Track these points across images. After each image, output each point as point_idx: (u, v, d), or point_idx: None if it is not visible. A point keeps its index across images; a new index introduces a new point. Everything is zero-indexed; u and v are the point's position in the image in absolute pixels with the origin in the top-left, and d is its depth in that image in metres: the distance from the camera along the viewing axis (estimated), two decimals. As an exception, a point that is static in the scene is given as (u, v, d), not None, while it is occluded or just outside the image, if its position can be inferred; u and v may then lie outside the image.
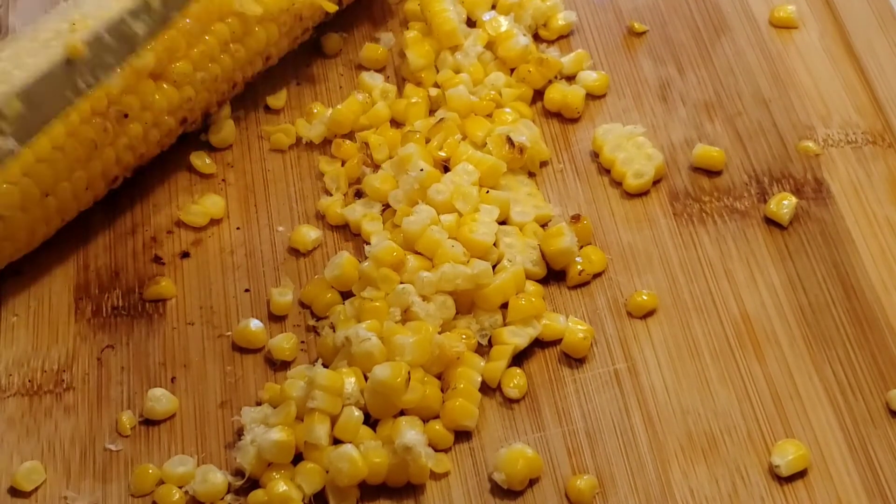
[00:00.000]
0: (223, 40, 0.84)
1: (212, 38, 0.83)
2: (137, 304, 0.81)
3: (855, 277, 0.80)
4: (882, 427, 0.74)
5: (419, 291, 0.77)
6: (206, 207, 0.84)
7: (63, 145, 0.77)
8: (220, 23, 0.83)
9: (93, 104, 0.78)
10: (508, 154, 0.83)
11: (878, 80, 0.90)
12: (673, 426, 0.74)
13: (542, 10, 0.94)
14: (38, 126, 0.76)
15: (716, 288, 0.80)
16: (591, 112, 0.90)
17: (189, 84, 0.82)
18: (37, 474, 0.73)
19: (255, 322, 0.79)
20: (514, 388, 0.76)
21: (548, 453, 0.74)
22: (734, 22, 0.94)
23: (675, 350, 0.77)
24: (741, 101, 0.89)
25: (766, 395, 0.75)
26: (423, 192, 0.81)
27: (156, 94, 0.81)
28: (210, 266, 0.83)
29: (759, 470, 0.73)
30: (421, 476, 0.72)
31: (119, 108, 0.79)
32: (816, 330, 0.78)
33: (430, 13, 0.91)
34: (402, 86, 0.90)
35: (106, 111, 0.79)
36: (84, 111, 0.78)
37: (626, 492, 0.72)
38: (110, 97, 0.78)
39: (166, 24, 0.80)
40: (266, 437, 0.72)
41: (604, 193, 0.85)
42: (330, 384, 0.72)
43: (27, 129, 0.76)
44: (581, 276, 0.80)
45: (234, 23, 0.84)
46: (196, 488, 0.72)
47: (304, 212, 0.85)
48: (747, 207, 0.84)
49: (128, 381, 0.77)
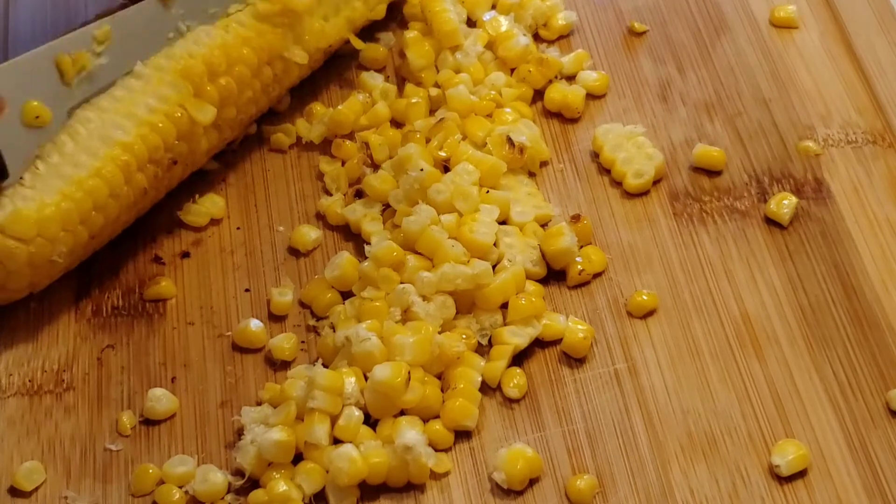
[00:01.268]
0: (266, 83, 0.84)
1: (256, 82, 0.83)
2: (137, 304, 0.81)
3: (855, 277, 0.80)
4: (882, 427, 0.74)
5: (419, 291, 0.77)
6: (206, 207, 0.84)
7: (119, 193, 0.77)
8: (267, 67, 0.84)
9: (150, 152, 0.78)
10: (508, 154, 0.83)
11: (878, 80, 0.90)
12: (673, 426, 0.74)
13: (542, 10, 0.94)
14: (124, 60, 0.79)
15: (716, 288, 0.80)
16: (591, 112, 0.90)
17: (229, 127, 0.83)
18: (37, 474, 0.73)
19: (255, 322, 0.79)
20: (514, 387, 0.76)
21: (548, 453, 0.74)
22: (734, 22, 0.94)
23: (675, 350, 0.77)
24: (741, 101, 0.89)
25: (766, 395, 0.75)
26: (423, 192, 0.81)
27: (202, 140, 0.82)
28: (210, 266, 0.83)
29: (759, 470, 0.73)
30: (421, 476, 0.72)
31: (172, 156, 0.80)
32: (816, 330, 0.78)
33: (431, 13, 0.91)
34: (402, 86, 0.90)
35: (161, 158, 0.79)
36: (141, 158, 0.78)
37: (626, 492, 0.72)
38: (167, 144, 0.79)
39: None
40: (266, 437, 0.72)
41: (604, 193, 0.85)
42: (330, 384, 0.72)
43: (117, 57, 0.79)
44: (581, 276, 0.80)
45: (277, 65, 0.84)
46: (196, 488, 0.72)
47: (304, 212, 0.85)
48: (747, 207, 0.84)
49: (128, 380, 0.78)
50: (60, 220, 0.75)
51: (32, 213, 0.74)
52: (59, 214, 0.75)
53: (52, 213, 0.75)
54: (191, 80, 0.79)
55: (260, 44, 0.83)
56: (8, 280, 0.75)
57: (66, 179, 0.76)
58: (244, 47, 0.82)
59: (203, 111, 0.80)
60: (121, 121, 0.78)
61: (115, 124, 0.77)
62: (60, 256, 0.76)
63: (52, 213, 0.75)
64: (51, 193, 0.75)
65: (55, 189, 0.75)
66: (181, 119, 0.79)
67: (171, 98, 0.79)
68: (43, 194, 0.75)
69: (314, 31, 0.85)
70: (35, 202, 0.74)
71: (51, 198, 0.75)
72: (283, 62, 0.85)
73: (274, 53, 0.84)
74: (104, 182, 0.76)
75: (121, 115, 0.78)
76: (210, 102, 0.80)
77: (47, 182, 0.75)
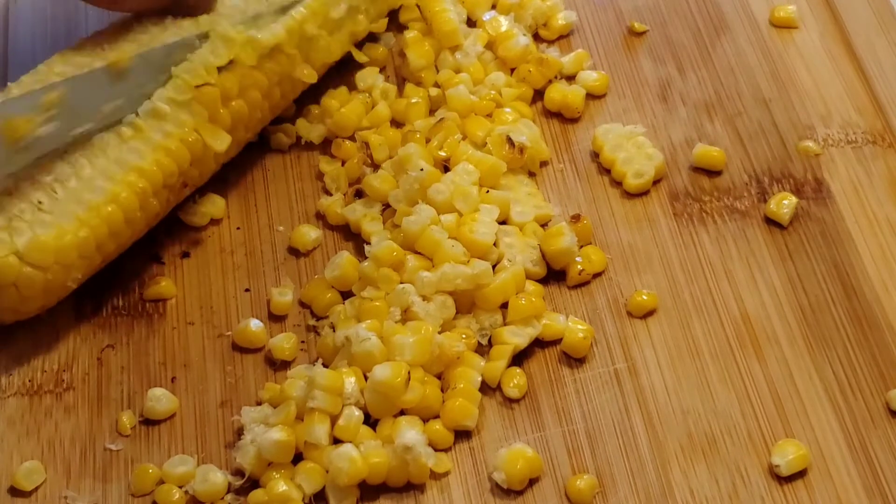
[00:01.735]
0: (274, 103, 0.85)
1: (265, 103, 0.84)
2: (137, 304, 0.81)
3: (855, 277, 0.80)
4: (882, 427, 0.74)
5: (419, 291, 0.77)
6: (206, 207, 0.84)
7: (133, 219, 0.77)
8: (277, 87, 0.84)
9: (165, 178, 0.78)
10: (508, 154, 0.83)
11: (878, 80, 0.90)
12: (673, 426, 0.74)
13: (542, 10, 0.94)
14: (69, 130, 0.76)
15: (716, 288, 0.80)
16: (591, 112, 0.90)
17: (236, 145, 0.83)
18: (37, 474, 0.73)
19: (255, 322, 0.79)
20: (514, 387, 0.76)
21: (548, 453, 0.74)
22: (734, 22, 0.94)
23: (675, 350, 0.77)
24: (741, 101, 0.89)
25: (766, 395, 0.75)
26: (423, 191, 0.81)
27: (212, 163, 0.82)
28: (210, 266, 0.83)
29: (759, 470, 0.73)
30: (421, 476, 0.72)
31: (184, 180, 0.80)
32: (816, 330, 0.78)
33: (430, 13, 0.91)
34: (402, 86, 0.90)
35: (175, 184, 0.79)
36: (156, 184, 0.77)
37: (626, 492, 0.72)
38: (181, 169, 0.78)
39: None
40: (266, 436, 0.72)
41: (604, 193, 0.85)
42: (330, 384, 0.72)
43: (69, 119, 0.75)
44: (581, 275, 0.80)
45: (286, 85, 0.85)
46: (196, 488, 0.72)
47: (304, 212, 0.85)
48: (747, 207, 0.84)
49: (128, 380, 0.78)
50: (77, 247, 0.75)
51: (51, 241, 0.73)
52: (77, 242, 0.75)
53: (70, 241, 0.74)
54: (205, 104, 0.79)
55: (271, 67, 0.83)
56: (22, 304, 0.75)
57: (83, 205, 0.75)
58: (256, 72, 0.82)
59: (218, 139, 0.80)
60: (137, 145, 0.77)
61: (132, 148, 0.77)
62: (74, 282, 0.76)
63: (70, 241, 0.74)
64: (69, 219, 0.74)
65: (73, 215, 0.75)
66: (195, 143, 0.79)
67: (186, 122, 0.79)
68: (61, 220, 0.74)
69: (320, 49, 0.86)
70: (54, 229, 0.74)
71: (69, 225, 0.74)
72: (292, 81, 0.85)
73: (284, 75, 0.84)
74: (120, 209, 0.76)
75: (137, 140, 0.77)
76: (223, 126, 0.80)
77: (65, 207, 0.75)
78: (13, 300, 0.74)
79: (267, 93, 0.83)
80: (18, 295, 0.74)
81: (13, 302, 0.74)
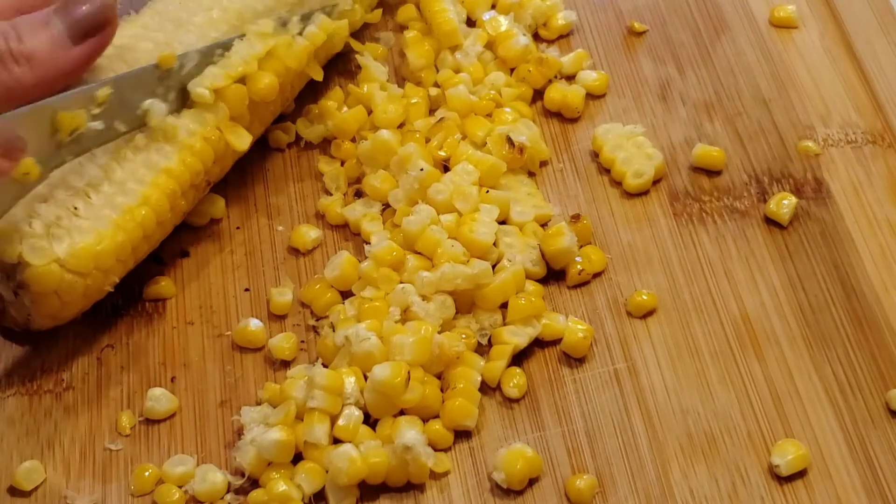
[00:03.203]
0: (285, 97, 0.86)
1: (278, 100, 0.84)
2: (137, 304, 0.81)
3: (855, 277, 0.80)
4: (882, 427, 0.74)
5: (419, 291, 0.77)
6: (206, 207, 0.84)
7: (164, 220, 0.78)
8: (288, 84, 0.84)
9: (192, 178, 0.78)
10: (508, 154, 0.83)
11: (878, 80, 0.90)
12: (673, 426, 0.74)
13: (542, 10, 0.94)
14: (121, 113, 0.76)
15: (716, 288, 0.80)
16: (591, 112, 0.90)
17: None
18: (37, 474, 0.73)
19: (254, 322, 0.79)
20: (513, 387, 0.76)
21: (548, 453, 0.74)
22: (734, 22, 0.94)
23: (674, 350, 0.77)
24: (741, 101, 0.89)
25: (766, 395, 0.75)
26: (423, 191, 0.81)
27: (231, 159, 0.82)
28: (210, 266, 0.83)
29: (759, 470, 0.73)
30: (421, 476, 0.72)
31: (208, 178, 0.80)
32: (816, 330, 0.78)
33: (430, 13, 0.91)
34: (402, 86, 0.90)
35: (200, 182, 0.79)
36: (184, 184, 0.78)
37: (626, 492, 0.72)
38: (206, 167, 0.79)
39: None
40: (266, 436, 0.72)
41: (604, 193, 0.85)
42: (330, 384, 0.72)
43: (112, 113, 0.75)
44: (581, 275, 0.80)
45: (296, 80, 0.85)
46: (196, 488, 0.72)
47: (304, 212, 0.85)
48: (747, 207, 0.84)
49: (127, 380, 0.78)
50: (116, 251, 0.75)
51: (91, 247, 0.73)
52: (115, 247, 0.75)
53: (109, 246, 0.74)
54: (230, 102, 0.79)
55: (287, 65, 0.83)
56: (62, 311, 0.75)
57: (118, 209, 0.75)
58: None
59: (240, 138, 0.80)
60: (162, 146, 0.77)
61: (157, 149, 0.77)
62: (111, 285, 0.76)
63: (109, 246, 0.74)
64: (105, 224, 0.74)
65: (109, 220, 0.74)
66: (218, 141, 0.79)
67: (209, 121, 0.79)
68: (98, 226, 0.74)
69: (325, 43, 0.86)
70: (93, 235, 0.74)
71: (106, 230, 0.74)
72: (300, 77, 0.85)
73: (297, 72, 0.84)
74: (153, 211, 0.76)
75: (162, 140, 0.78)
76: (242, 123, 0.81)
77: (100, 212, 0.74)
78: (54, 307, 0.74)
79: (280, 90, 0.83)
80: (59, 301, 0.74)
81: (54, 309, 0.74)
